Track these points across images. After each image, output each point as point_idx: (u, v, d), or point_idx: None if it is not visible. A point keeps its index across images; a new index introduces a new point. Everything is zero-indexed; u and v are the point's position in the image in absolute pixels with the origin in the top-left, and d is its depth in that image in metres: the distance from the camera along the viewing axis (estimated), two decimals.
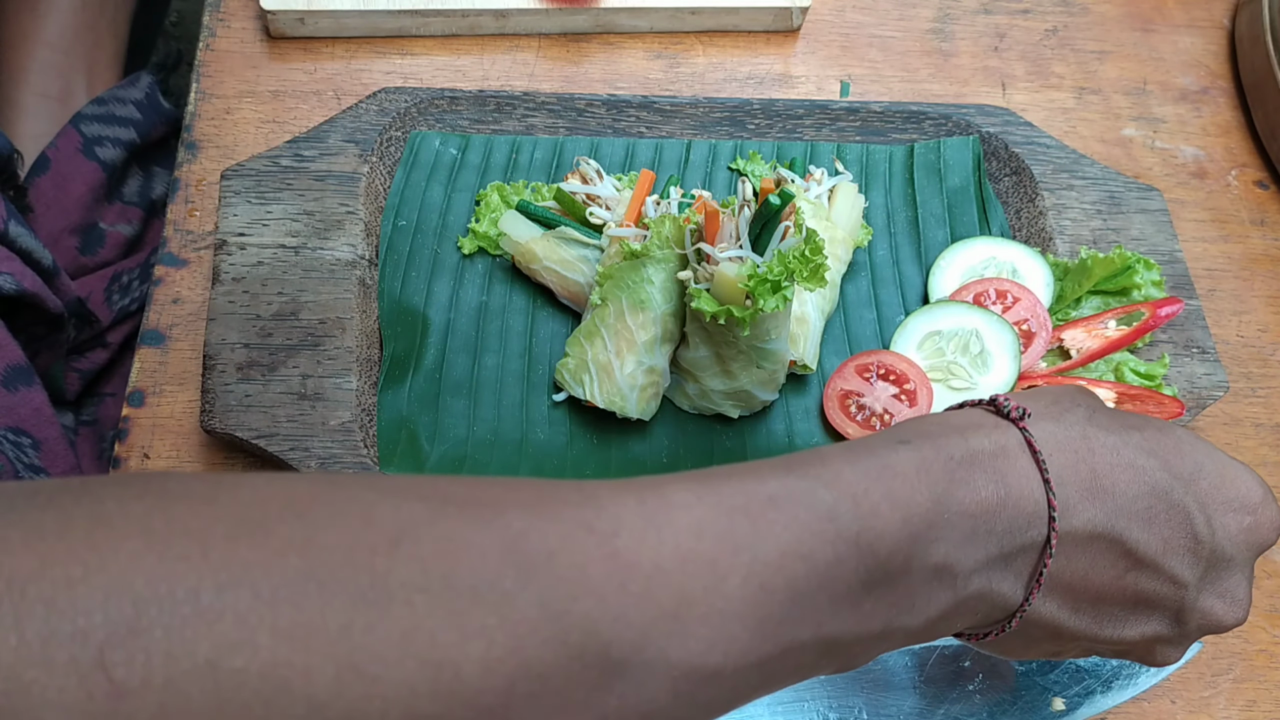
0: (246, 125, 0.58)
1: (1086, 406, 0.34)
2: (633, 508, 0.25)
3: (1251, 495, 0.35)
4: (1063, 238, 0.57)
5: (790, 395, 0.53)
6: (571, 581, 0.23)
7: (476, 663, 0.22)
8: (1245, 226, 0.62)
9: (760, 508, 0.26)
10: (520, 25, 0.62)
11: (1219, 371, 0.54)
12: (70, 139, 0.65)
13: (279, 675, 0.20)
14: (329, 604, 0.21)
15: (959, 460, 0.30)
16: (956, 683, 0.46)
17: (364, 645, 0.21)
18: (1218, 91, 0.67)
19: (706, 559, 0.25)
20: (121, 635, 0.19)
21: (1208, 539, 0.33)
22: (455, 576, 0.22)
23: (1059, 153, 0.59)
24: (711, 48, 0.64)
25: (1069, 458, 0.32)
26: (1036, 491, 0.31)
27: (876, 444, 0.30)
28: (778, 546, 0.26)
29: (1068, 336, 0.54)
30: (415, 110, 0.57)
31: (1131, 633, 0.34)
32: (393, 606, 0.21)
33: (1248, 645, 0.51)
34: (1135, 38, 0.68)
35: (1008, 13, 0.68)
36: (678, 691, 0.24)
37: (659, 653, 0.24)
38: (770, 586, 0.26)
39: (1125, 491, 0.32)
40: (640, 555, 0.24)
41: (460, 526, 0.23)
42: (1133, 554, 0.32)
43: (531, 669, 0.22)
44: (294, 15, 0.60)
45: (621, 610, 0.24)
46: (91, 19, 0.73)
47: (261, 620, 0.20)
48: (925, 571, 0.29)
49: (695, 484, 0.27)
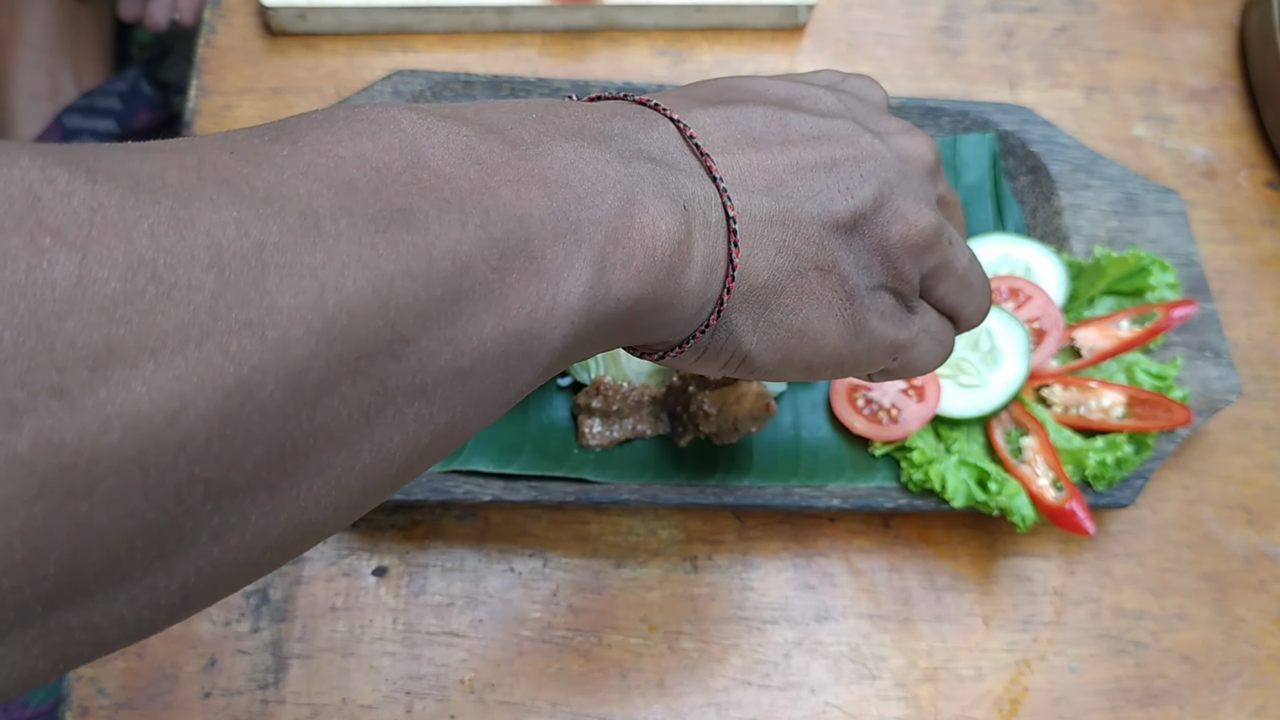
0: (247, 122, 0.57)
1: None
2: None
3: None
4: (1078, 237, 0.57)
5: (798, 387, 0.52)
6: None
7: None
8: (1255, 227, 0.62)
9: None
10: (523, 22, 0.62)
11: (1232, 375, 0.54)
12: (52, 133, 0.65)
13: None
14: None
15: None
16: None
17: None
18: (1227, 91, 0.66)
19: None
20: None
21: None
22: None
23: (1077, 152, 0.58)
24: (717, 45, 0.64)
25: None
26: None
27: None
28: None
29: (1080, 336, 0.53)
30: (429, 93, 0.56)
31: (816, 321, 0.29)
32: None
33: (1256, 650, 0.51)
34: (1145, 37, 0.67)
35: (1016, 10, 0.67)
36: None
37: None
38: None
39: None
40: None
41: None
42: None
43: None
44: (295, 11, 0.59)
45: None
46: (71, 14, 0.72)
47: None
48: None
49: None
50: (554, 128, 0.25)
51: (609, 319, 0.24)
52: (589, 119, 0.26)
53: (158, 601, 0.18)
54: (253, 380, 0.17)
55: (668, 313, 0.26)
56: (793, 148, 0.28)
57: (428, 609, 0.48)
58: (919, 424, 0.50)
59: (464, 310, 0.21)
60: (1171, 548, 0.53)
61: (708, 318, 0.27)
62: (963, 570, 0.51)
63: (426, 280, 0.20)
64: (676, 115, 0.27)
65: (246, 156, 0.20)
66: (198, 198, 0.18)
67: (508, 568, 0.49)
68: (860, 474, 0.50)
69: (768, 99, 0.30)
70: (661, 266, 0.25)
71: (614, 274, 0.24)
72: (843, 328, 0.29)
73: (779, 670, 0.48)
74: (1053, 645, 0.50)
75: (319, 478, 0.20)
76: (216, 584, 0.19)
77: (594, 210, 0.24)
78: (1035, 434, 0.50)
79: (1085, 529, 0.47)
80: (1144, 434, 0.50)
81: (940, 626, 0.50)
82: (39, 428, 0.15)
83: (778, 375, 0.30)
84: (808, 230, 0.28)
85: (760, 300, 0.28)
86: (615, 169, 0.25)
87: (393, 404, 0.20)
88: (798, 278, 0.28)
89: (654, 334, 0.27)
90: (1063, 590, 0.51)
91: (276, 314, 0.18)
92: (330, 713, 0.46)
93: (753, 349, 0.28)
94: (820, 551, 0.51)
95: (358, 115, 0.22)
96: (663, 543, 0.50)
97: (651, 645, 0.48)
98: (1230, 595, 0.52)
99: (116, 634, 0.18)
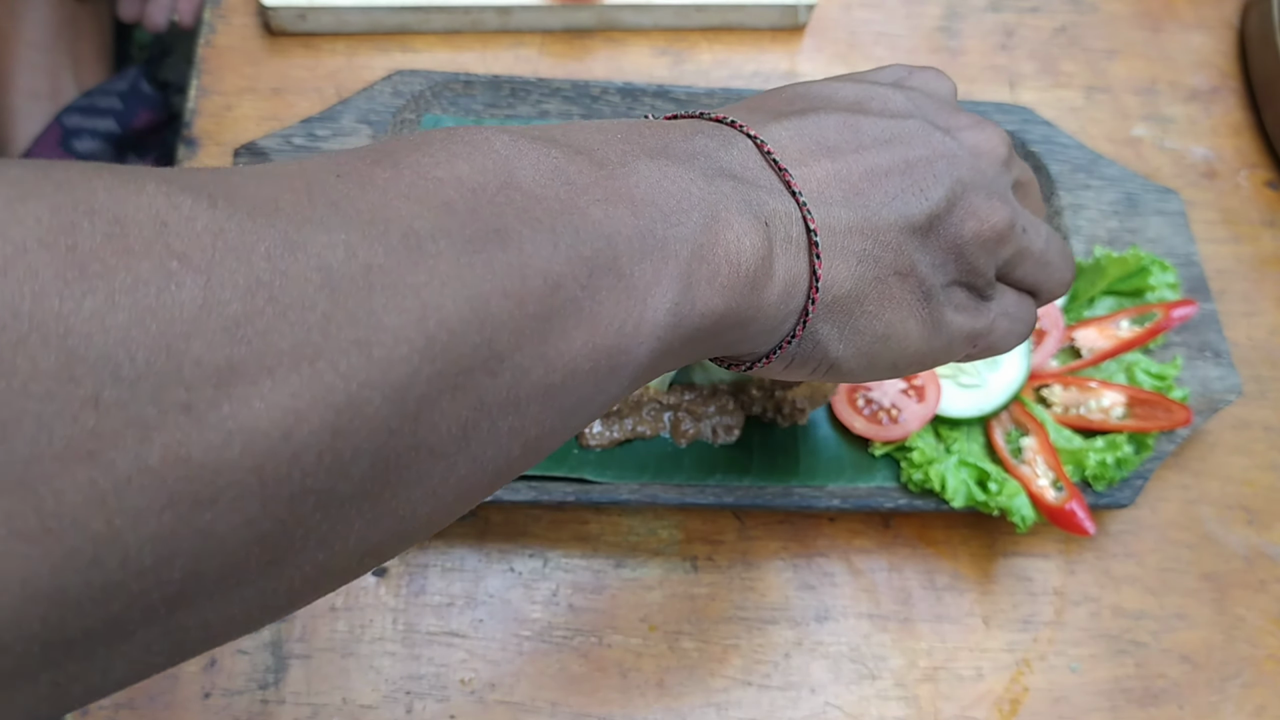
0: (247, 122, 0.57)
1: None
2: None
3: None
4: (1078, 237, 0.57)
5: None
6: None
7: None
8: (1255, 227, 0.62)
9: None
10: (523, 22, 0.62)
11: (1232, 375, 0.54)
12: (52, 133, 0.65)
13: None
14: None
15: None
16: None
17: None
18: (1227, 91, 0.66)
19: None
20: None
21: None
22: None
23: (1077, 152, 0.58)
24: (717, 44, 0.64)
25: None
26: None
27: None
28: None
29: (1080, 336, 0.53)
30: (430, 93, 0.56)
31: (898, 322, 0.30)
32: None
33: (1256, 650, 0.51)
34: (1144, 36, 0.67)
35: (1016, 10, 0.67)
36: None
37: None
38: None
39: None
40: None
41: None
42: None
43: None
44: (295, 11, 0.59)
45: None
46: (70, 13, 0.72)
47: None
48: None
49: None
50: (638, 147, 0.26)
51: (694, 333, 0.25)
52: (672, 138, 0.27)
53: (266, 602, 0.19)
54: (361, 396, 0.18)
55: (751, 326, 0.27)
56: (866, 153, 0.29)
57: (428, 609, 0.48)
58: (919, 424, 0.50)
59: (555, 327, 0.22)
60: (1171, 548, 0.53)
61: (793, 329, 0.28)
62: (963, 570, 0.51)
63: (521, 299, 0.21)
64: (753, 131, 0.28)
65: (352, 180, 0.21)
66: (309, 220, 0.19)
67: (508, 568, 0.49)
68: (860, 474, 0.50)
69: (838, 104, 0.30)
70: (745, 282, 0.25)
71: (699, 290, 0.25)
72: (922, 327, 0.30)
73: (779, 670, 0.48)
74: (1053, 645, 0.50)
75: (417, 488, 0.20)
76: (319, 586, 0.20)
77: (679, 228, 0.24)
78: (1035, 434, 0.50)
79: (1085, 529, 0.47)
80: (1144, 434, 0.50)
81: (940, 626, 0.50)
82: (168, 442, 0.16)
83: (864, 377, 0.31)
84: (886, 237, 0.28)
85: (844, 309, 0.28)
86: (699, 187, 0.25)
87: (488, 418, 0.21)
88: (879, 284, 0.29)
89: (739, 346, 0.28)
90: (1063, 590, 0.51)
91: (383, 333, 0.18)
92: (330, 712, 0.46)
93: (839, 356, 0.29)
94: (820, 551, 0.51)
95: (454, 138, 0.23)
96: (663, 543, 0.50)
97: (651, 645, 0.48)
98: (1230, 595, 0.52)
99: (226, 631, 0.19)
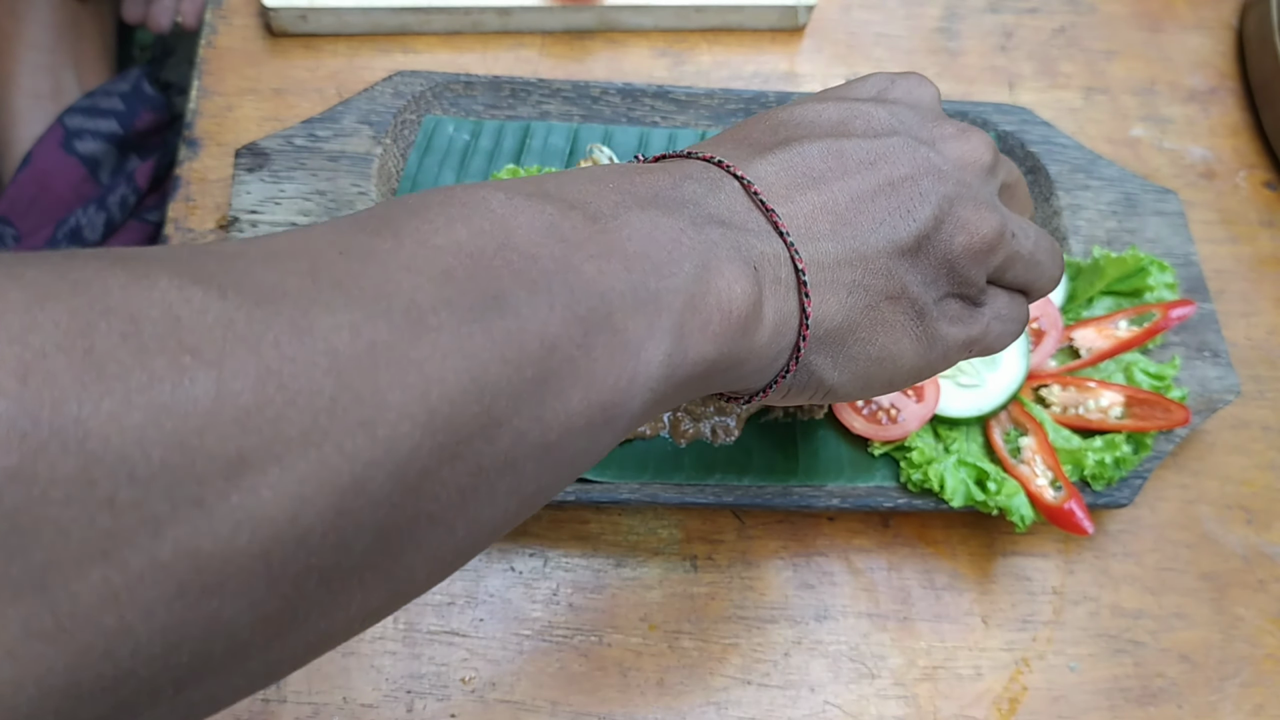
0: (248, 122, 0.58)
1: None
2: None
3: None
4: (1077, 237, 0.57)
5: None
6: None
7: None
8: (1254, 228, 0.62)
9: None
10: (523, 23, 0.62)
11: (1231, 375, 0.54)
12: (54, 133, 0.65)
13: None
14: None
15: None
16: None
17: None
18: (1226, 92, 0.66)
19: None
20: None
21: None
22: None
23: (1075, 153, 0.59)
24: (716, 45, 0.64)
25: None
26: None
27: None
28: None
29: (1078, 336, 0.53)
30: (430, 94, 0.56)
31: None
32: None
33: (1255, 649, 0.51)
34: (1143, 37, 0.68)
35: (1015, 11, 0.68)
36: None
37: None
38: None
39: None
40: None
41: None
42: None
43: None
44: (296, 12, 0.59)
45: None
46: (73, 14, 0.72)
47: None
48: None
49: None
50: (630, 197, 0.26)
51: (687, 380, 0.26)
52: (662, 185, 0.27)
53: (269, 670, 0.20)
54: (365, 475, 0.19)
55: (744, 367, 0.27)
56: (851, 178, 0.29)
57: (428, 608, 0.48)
58: (918, 424, 0.50)
59: (552, 388, 0.22)
60: (1170, 547, 0.53)
61: (786, 364, 0.28)
62: (961, 569, 0.51)
63: (519, 364, 0.21)
64: (740, 171, 0.29)
65: (354, 255, 0.21)
66: (315, 303, 0.19)
67: (508, 567, 0.49)
68: (859, 473, 0.50)
69: (821, 129, 0.31)
70: (737, 328, 0.26)
71: (691, 339, 0.25)
72: (917, 344, 0.31)
73: (778, 669, 0.48)
74: (1051, 644, 0.50)
75: (417, 554, 0.21)
76: (320, 649, 0.21)
77: (671, 279, 0.25)
78: (1034, 434, 0.50)
79: (1084, 528, 0.47)
80: (1142, 434, 0.50)
81: (939, 626, 0.50)
82: (179, 536, 0.16)
83: (862, 396, 0.31)
84: (875, 264, 0.29)
85: (837, 339, 0.29)
86: (689, 236, 0.26)
87: (486, 481, 0.21)
88: (870, 311, 0.29)
89: (733, 385, 0.28)
90: (1061, 589, 0.51)
91: (387, 411, 0.19)
92: (331, 712, 0.46)
93: (835, 382, 0.30)
94: (819, 551, 0.51)
95: (452, 200, 0.23)
96: (662, 542, 0.50)
97: (651, 644, 0.48)
98: (1229, 595, 0.52)
99: (231, 698, 0.20)
